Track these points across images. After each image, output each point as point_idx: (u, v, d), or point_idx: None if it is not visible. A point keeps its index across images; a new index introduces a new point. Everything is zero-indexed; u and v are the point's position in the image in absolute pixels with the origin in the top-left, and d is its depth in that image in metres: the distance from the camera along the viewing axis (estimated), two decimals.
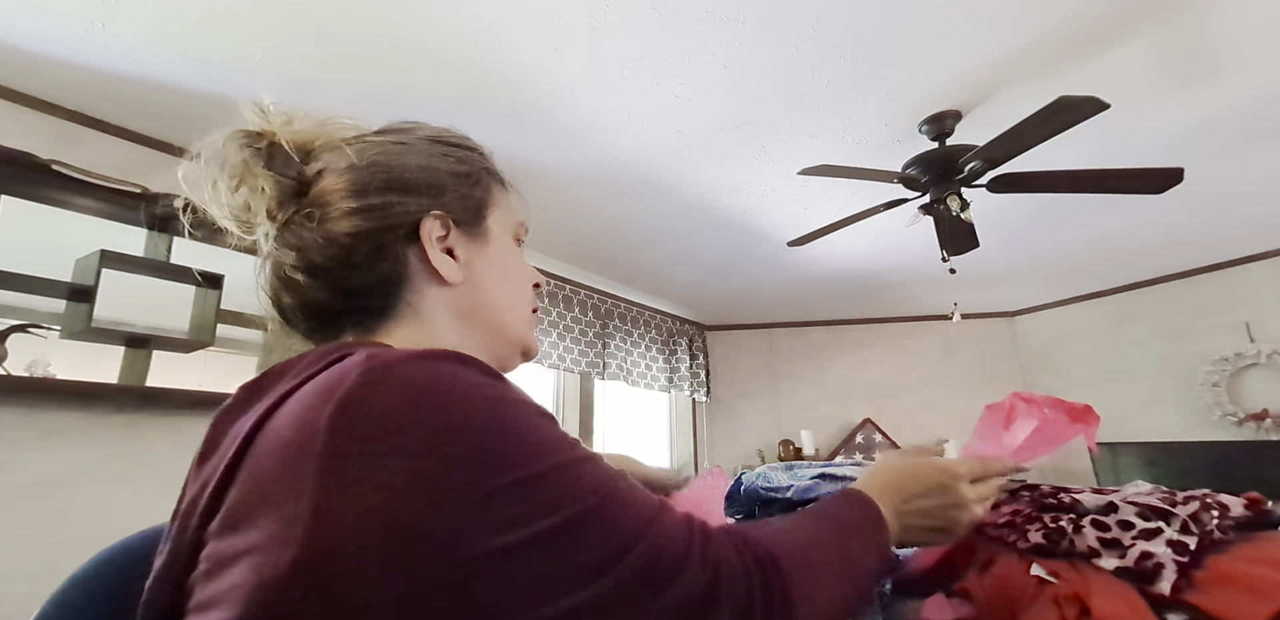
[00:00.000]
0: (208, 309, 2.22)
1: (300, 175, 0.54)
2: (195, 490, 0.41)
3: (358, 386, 0.37)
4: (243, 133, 0.54)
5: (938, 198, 2.14)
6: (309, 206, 0.52)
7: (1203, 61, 1.86)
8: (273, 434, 0.38)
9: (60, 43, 1.71)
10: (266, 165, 0.53)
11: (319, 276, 0.52)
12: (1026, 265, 3.66)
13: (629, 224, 3.05)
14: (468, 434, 0.36)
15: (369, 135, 0.58)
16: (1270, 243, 3.31)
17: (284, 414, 0.39)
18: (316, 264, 0.51)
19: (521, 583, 0.35)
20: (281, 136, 0.54)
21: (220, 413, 0.46)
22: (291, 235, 0.52)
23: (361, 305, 0.53)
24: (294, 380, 0.42)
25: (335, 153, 0.54)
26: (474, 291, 0.56)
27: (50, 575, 1.80)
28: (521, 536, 0.35)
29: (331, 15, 1.61)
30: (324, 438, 0.35)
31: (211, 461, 0.42)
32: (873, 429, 4.49)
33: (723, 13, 1.62)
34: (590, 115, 2.09)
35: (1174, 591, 0.48)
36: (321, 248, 0.51)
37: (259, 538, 0.35)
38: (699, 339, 4.80)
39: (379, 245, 0.52)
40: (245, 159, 0.53)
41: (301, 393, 0.40)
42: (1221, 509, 0.55)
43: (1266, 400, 3.28)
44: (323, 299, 0.52)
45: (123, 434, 2.02)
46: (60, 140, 2.02)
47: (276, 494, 0.35)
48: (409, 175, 0.54)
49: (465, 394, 0.38)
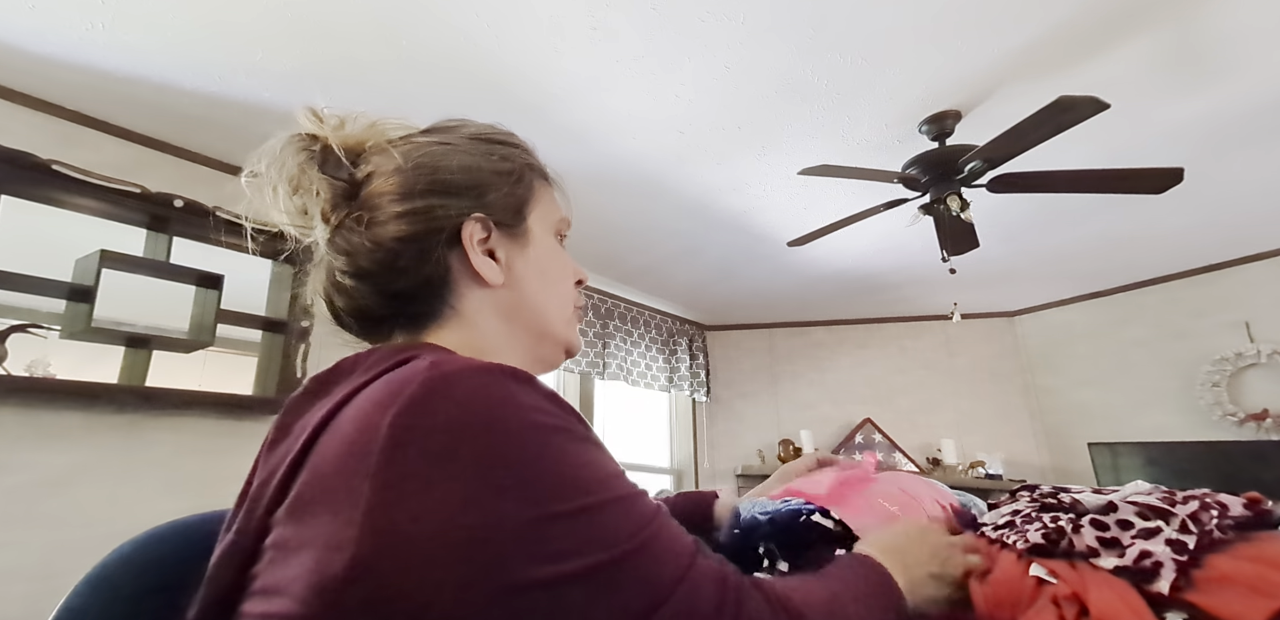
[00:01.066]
0: (208, 309, 2.22)
1: (351, 177, 0.54)
2: (265, 475, 0.42)
3: (419, 396, 0.38)
4: (297, 137, 0.55)
5: (938, 198, 2.14)
6: (359, 210, 0.53)
7: (1203, 61, 1.86)
8: (338, 430, 0.40)
9: (60, 43, 1.72)
10: (320, 168, 0.54)
11: (366, 281, 0.53)
12: (1026, 265, 3.66)
13: (629, 224, 3.05)
14: (520, 463, 0.37)
15: (416, 135, 0.58)
16: (1270, 243, 3.31)
17: (350, 411, 0.41)
18: (364, 268, 0.52)
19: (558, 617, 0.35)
20: (333, 139, 0.55)
21: (291, 401, 0.47)
22: (342, 240, 0.53)
23: (407, 309, 0.54)
24: (363, 376, 0.44)
25: (384, 155, 0.55)
26: (516, 292, 0.57)
27: (50, 575, 1.81)
28: (563, 571, 0.35)
29: (331, 15, 1.61)
30: (383, 444, 0.36)
31: (281, 449, 0.43)
32: (873, 429, 4.49)
33: (723, 13, 1.62)
34: (590, 115, 2.09)
35: (1173, 590, 0.48)
36: (369, 252, 0.52)
37: (319, 532, 0.36)
38: (699, 339, 4.80)
39: (422, 249, 0.52)
40: (301, 163, 0.54)
41: (368, 391, 0.41)
42: (1221, 508, 0.55)
43: (1266, 400, 3.28)
44: (370, 304, 0.54)
45: (123, 434, 2.03)
46: (60, 140, 2.02)
47: (336, 491, 0.37)
48: (451, 177, 0.54)
49: (520, 420, 0.39)
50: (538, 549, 0.35)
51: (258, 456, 0.46)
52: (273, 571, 0.38)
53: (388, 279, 0.52)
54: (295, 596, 0.35)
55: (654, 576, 0.38)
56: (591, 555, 0.36)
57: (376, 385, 0.42)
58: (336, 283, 0.54)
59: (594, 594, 0.36)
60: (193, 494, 2.14)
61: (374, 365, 0.45)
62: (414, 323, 0.54)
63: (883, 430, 4.47)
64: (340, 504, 0.36)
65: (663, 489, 4.32)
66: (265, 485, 0.41)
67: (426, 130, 0.59)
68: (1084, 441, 3.94)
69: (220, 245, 2.40)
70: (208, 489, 2.18)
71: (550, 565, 0.35)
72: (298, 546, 0.37)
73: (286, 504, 0.39)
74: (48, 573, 1.81)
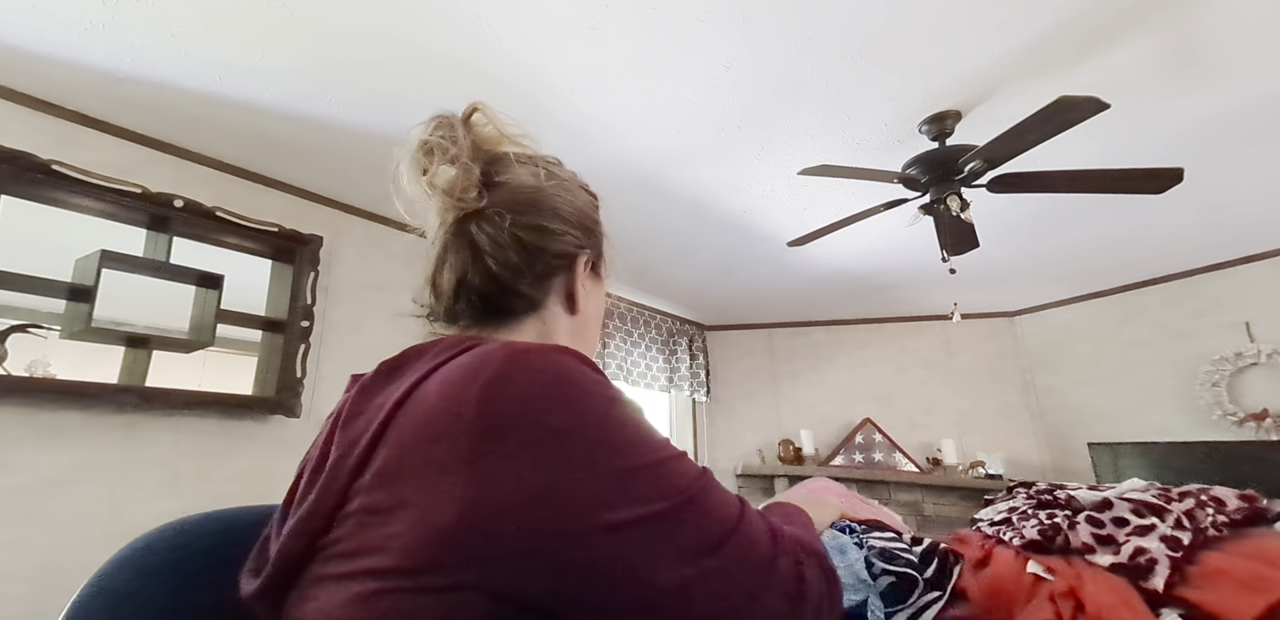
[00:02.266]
0: (208, 309, 2.23)
1: (487, 173, 0.60)
2: (342, 450, 0.45)
3: (504, 370, 0.43)
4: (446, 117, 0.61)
5: (938, 198, 2.14)
6: (504, 206, 0.58)
7: (1203, 61, 1.86)
8: (421, 404, 0.44)
9: (60, 43, 1.72)
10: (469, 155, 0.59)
11: (500, 267, 0.58)
12: (1026, 265, 3.66)
13: (629, 224, 3.05)
14: (596, 426, 0.43)
15: (536, 158, 0.65)
16: (1270, 243, 3.31)
17: (432, 386, 0.45)
18: (504, 257, 0.58)
19: (641, 551, 0.40)
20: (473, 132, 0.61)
21: (361, 385, 0.50)
22: (488, 225, 0.58)
23: (509, 306, 0.59)
24: (434, 361, 0.48)
25: (523, 167, 0.62)
26: (583, 323, 0.65)
27: (50, 575, 1.81)
28: (641, 513, 0.41)
29: (331, 15, 1.62)
30: (474, 411, 0.41)
31: (356, 426, 0.46)
32: (873, 429, 4.49)
33: (723, 13, 1.62)
34: (590, 115, 2.09)
35: (1168, 587, 0.48)
36: (512, 246, 0.58)
37: (420, 494, 0.40)
38: (699, 339, 4.80)
39: (550, 265, 0.60)
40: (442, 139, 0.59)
41: (446, 370, 0.46)
42: (1217, 505, 0.55)
43: (1266, 400, 3.28)
44: (484, 289, 0.58)
45: (123, 434, 2.03)
46: (60, 140, 2.02)
47: (432, 457, 0.41)
48: (579, 213, 0.64)
49: (588, 390, 0.45)
50: (615, 498, 0.41)
51: (325, 436, 0.49)
52: (363, 534, 0.41)
53: (513, 275, 0.58)
54: (401, 551, 0.39)
55: (713, 520, 0.44)
56: (659, 502, 0.42)
57: (454, 365, 0.46)
58: (459, 257, 0.58)
59: (668, 533, 0.42)
60: (192, 494, 2.14)
61: (443, 351, 0.49)
62: (503, 318, 0.59)
63: (883, 430, 4.47)
64: (441, 467, 0.40)
65: None
66: (344, 459, 0.44)
67: (542, 158, 0.66)
68: (1084, 441, 3.94)
69: (220, 245, 2.40)
70: (207, 489, 2.18)
71: (625, 510, 0.40)
72: (393, 508, 0.40)
73: (372, 474, 0.42)
74: (48, 573, 1.81)
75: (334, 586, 0.41)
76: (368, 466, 0.43)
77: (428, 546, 0.38)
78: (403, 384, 0.46)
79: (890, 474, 4.20)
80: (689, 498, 0.44)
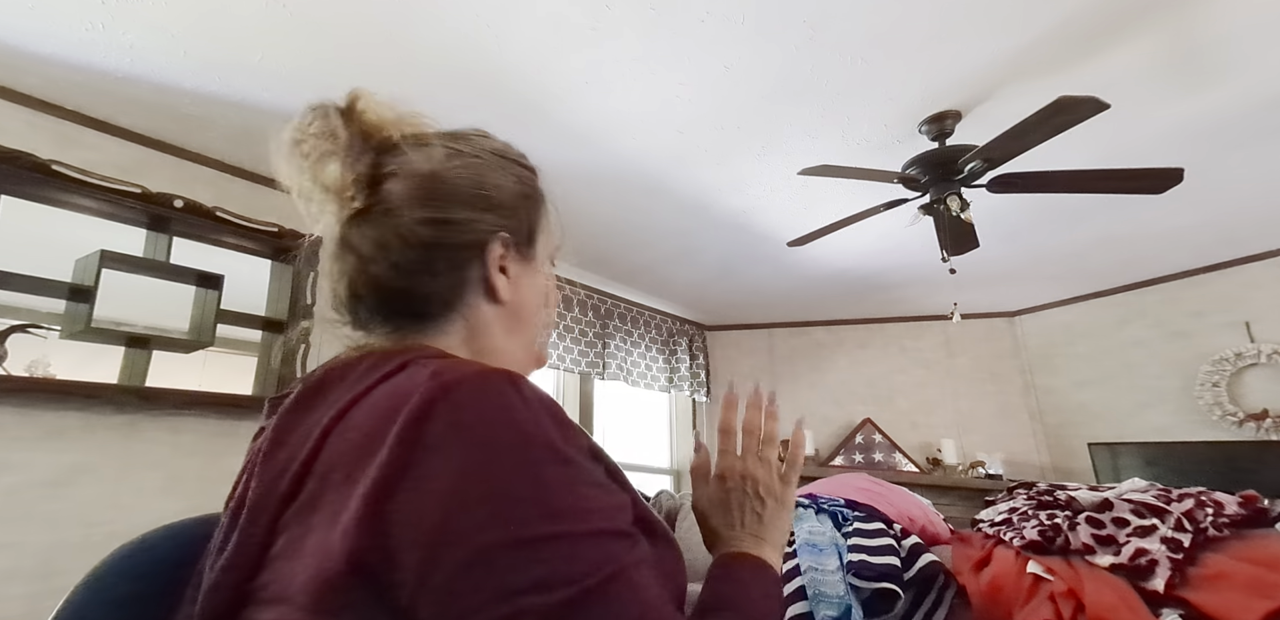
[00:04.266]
0: (208, 309, 2.22)
1: (375, 164, 0.54)
2: (267, 482, 0.43)
3: (421, 408, 0.39)
4: (324, 106, 0.56)
5: (938, 198, 2.14)
6: (392, 202, 0.53)
7: (1203, 61, 1.86)
8: (344, 437, 0.42)
9: (60, 43, 1.72)
10: (346, 147, 0.53)
11: (389, 272, 0.53)
12: (1026, 265, 3.66)
13: (629, 224, 3.05)
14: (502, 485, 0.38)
15: (439, 138, 0.58)
16: (1270, 243, 3.31)
17: (356, 418, 0.42)
18: (391, 261, 0.53)
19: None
20: (358, 120, 0.55)
21: (285, 410, 0.47)
22: (371, 227, 0.53)
23: (419, 309, 0.55)
24: (361, 382, 0.45)
25: (415, 152, 0.55)
26: (516, 310, 0.59)
27: (50, 576, 1.81)
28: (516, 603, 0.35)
29: (331, 16, 1.62)
30: (386, 454, 0.38)
31: (278, 457, 0.44)
32: (873, 429, 4.49)
33: (723, 13, 1.62)
34: (590, 115, 2.09)
35: (1168, 588, 0.48)
36: (399, 248, 0.52)
37: (321, 534, 0.38)
38: (699, 339, 4.80)
39: (452, 257, 0.54)
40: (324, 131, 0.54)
41: (373, 399, 0.43)
42: (1216, 507, 0.55)
43: (1266, 400, 3.28)
44: (378, 297, 0.54)
45: (123, 434, 2.03)
46: (60, 140, 2.02)
47: (340, 493, 0.39)
48: (486, 193, 0.56)
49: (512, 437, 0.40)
50: (501, 572, 0.36)
51: (248, 465, 0.46)
52: (279, 578, 0.39)
53: (411, 276, 0.53)
54: (300, 593, 0.37)
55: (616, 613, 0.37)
56: (545, 592, 0.36)
57: (380, 392, 0.43)
58: (354, 266, 0.54)
59: None
60: (192, 494, 2.14)
61: (369, 371, 0.46)
62: (419, 322, 0.55)
63: (883, 430, 4.47)
64: (343, 504, 0.38)
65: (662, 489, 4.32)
66: (268, 494, 0.42)
67: (449, 135, 0.59)
68: (1084, 441, 3.94)
69: (220, 245, 2.40)
70: (207, 489, 2.18)
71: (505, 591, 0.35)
72: (301, 549, 0.38)
73: (295, 508, 0.40)
74: (48, 573, 1.81)
75: None
76: (295, 499, 0.41)
77: (320, 593, 0.36)
78: (328, 412, 0.44)
79: (890, 474, 4.20)
80: (578, 593, 0.36)
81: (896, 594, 0.75)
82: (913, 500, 1.00)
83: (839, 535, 0.97)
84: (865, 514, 1.01)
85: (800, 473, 0.65)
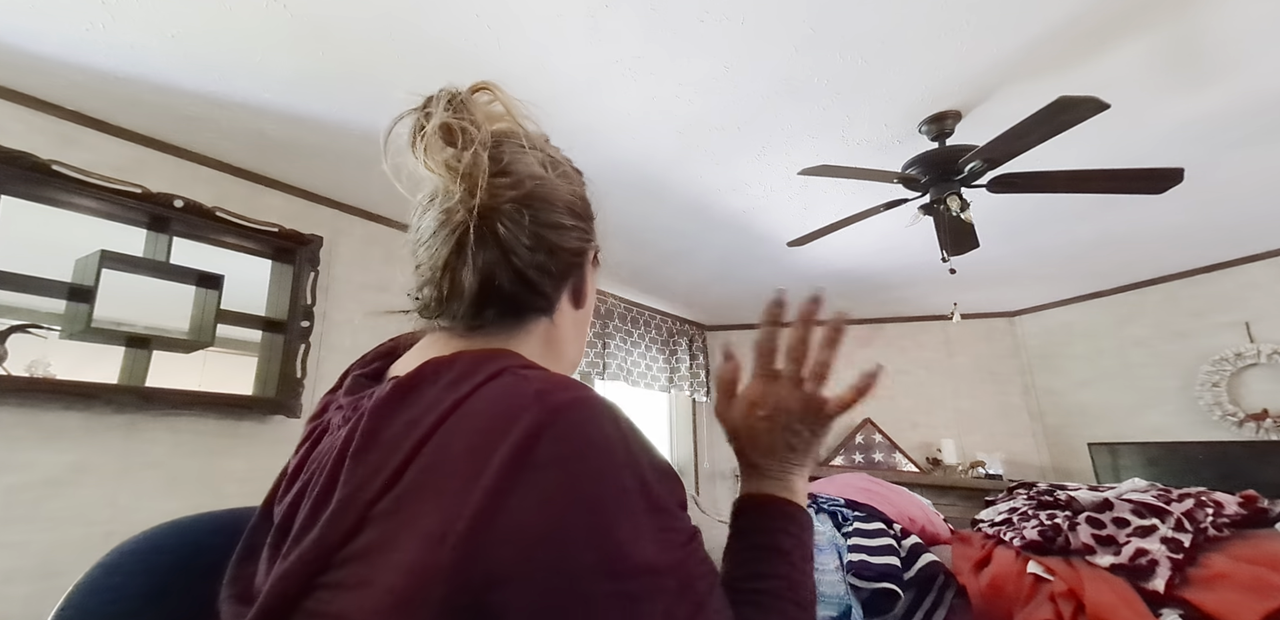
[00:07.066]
0: (208, 309, 2.22)
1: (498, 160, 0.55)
2: (361, 478, 0.43)
3: (529, 435, 0.40)
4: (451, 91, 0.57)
5: (938, 198, 2.14)
6: (522, 200, 0.53)
7: (1203, 61, 1.85)
8: (446, 446, 0.42)
9: (60, 43, 1.72)
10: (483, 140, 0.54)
11: (523, 270, 0.53)
12: (1026, 265, 3.66)
13: (629, 224, 3.05)
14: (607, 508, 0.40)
15: (536, 141, 0.59)
16: (1270, 243, 3.31)
17: (458, 428, 0.43)
18: (525, 259, 0.53)
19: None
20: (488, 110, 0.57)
21: (378, 408, 0.47)
22: (510, 221, 0.53)
23: (530, 306, 0.55)
24: (455, 392, 0.45)
25: (528, 154, 0.57)
26: (584, 315, 0.62)
27: (50, 576, 1.81)
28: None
29: (331, 16, 1.62)
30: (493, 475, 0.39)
31: (375, 454, 0.44)
32: (873, 429, 4.49)
33: (722, 13, 1.62)
34: (590, 115, 2.09)
35: (1168, 588, 0.48)
36: (534, 247, 0.53)
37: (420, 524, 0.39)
38: (699, 339, 4.80)
39: (568, 263, 0.56)
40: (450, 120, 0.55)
41: (474, 408, 0.43)
42: (1216, 507, 0.55)
43: (1266, 400, 3.28)
44: (511, 291, 0.54)
45: (122, 434, 2.03)
46: (60, 140, 2.02)
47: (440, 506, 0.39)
48: (582, 203, 0.59)
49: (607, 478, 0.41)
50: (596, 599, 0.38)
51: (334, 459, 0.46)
52: (363, 568, 0.40)
53: (544, 279, 0.54)
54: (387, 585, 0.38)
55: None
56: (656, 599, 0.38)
57: (482, 401, 0.44)
58: (512, 266, 0.53)
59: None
60: (192, 494, 2.14)
61: (464, 376, 0.46)
62: (516, 318, 0.55)
63: (883, 430, 4.47)
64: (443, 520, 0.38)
65: None
66: (360, 491, 0.42)
67: (539, 138, 0.61)
68: (1084, 441, 3.94)
69: (220, 245, 2.40)
70: (207, 489, 2.18)
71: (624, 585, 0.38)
72: (390, 548, 0.39)
73: (383, 508, 0.41)
74: (48, 573, 1.81)
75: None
76: (388, 494, 0.41)
77: (407, 589, 0.37)
78: (426, 416, 0.44)
79: (890, 474, 4.20)
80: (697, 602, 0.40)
81: (896, 594, 0.75)
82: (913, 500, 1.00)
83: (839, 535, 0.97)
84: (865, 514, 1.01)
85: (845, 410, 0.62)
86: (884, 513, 1.03)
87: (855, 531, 0.94)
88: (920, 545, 0.86)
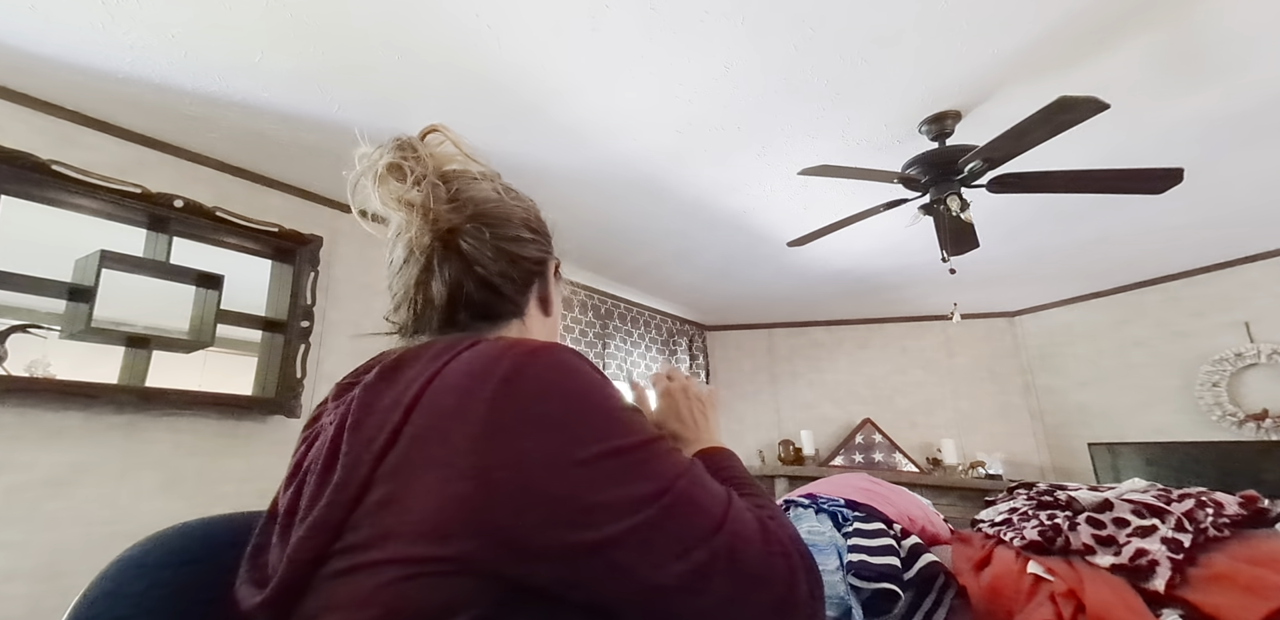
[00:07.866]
0: (208, 309, 2.22)
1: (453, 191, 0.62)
2: (358, 449, 0.46)
3: (513, 370, 0.46)
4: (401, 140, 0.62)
5: (938, 198, 2.14)
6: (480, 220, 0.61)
7: (1203, 61, 1.86)
8: (436, 401, 0.47)
9: (60, 43, 1.72)
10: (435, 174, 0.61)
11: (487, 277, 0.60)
12: (1026, 265, 3.66)
13: (629, 224, 3.05)
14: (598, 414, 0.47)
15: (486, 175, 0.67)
16: (1270, 243, 3.31)
17: (445, 382, 0.47)
18: (489, 268, 0.60)
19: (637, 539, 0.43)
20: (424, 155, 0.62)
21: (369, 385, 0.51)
22: (471, 237, 0.60)
23: (499, 312, 0.62)
24: (437, 361, 0.50)
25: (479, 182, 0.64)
26: (553, 323, 0.70)
27: (50, 576, 1.81)
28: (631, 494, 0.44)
29: (331, 16, 1.62)
30: (487, 411, 0.44)
31: (369, 424, 0.48)
32: (873, 429, 4.49)
33: (723, 13, 1.62)
34: (590, 116, 2.09)
35: (1169, 588, 0.48)
36: (496, 258, 0.61)
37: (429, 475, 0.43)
38: (699, 339, 4.80)
39: (529, 271, 0.64)
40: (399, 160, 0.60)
41: (458, 366, 0.49)
42: (1216, 507, 0.55)
43: (1266, 400, 3.28)
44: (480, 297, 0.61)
45: (123, 434, 2.03)
46: (60, 140, 2.02)
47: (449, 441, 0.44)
48: (537, 221, 0.67)
49: (592, 385, 0.49)
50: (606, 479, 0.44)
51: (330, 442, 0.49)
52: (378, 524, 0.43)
53: (508, 285, 0.62)
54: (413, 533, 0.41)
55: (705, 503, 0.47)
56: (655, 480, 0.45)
57: (464, 360, 0.49)
58: (477, 275, 0.60)
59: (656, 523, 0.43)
60: (192, 494, 2.14)
61: (444, 350, 0.51)
62: (489, 322, 0.62)
63: (883, 430, 4.47)
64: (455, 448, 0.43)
65: None
66: (361, 456, 0.45)
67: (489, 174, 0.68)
68: (1084, 441, 3.94)
69: (220, 245, 2.40)
70: (207, 489, 2.18)
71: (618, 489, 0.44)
72: (408, 491, 0.43)
73: (393, 461, 0.44)
74: (48, 573, 1.81)
75: (349, 580, 0.42)
76: (389, 456, 0.45)
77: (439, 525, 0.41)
78: (413, 384, 0.48)
79: (890, 474, 4.20)
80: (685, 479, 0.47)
81: (896, 594, 0.75)
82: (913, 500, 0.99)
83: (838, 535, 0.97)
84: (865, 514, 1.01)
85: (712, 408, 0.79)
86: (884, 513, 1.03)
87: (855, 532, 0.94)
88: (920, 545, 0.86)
